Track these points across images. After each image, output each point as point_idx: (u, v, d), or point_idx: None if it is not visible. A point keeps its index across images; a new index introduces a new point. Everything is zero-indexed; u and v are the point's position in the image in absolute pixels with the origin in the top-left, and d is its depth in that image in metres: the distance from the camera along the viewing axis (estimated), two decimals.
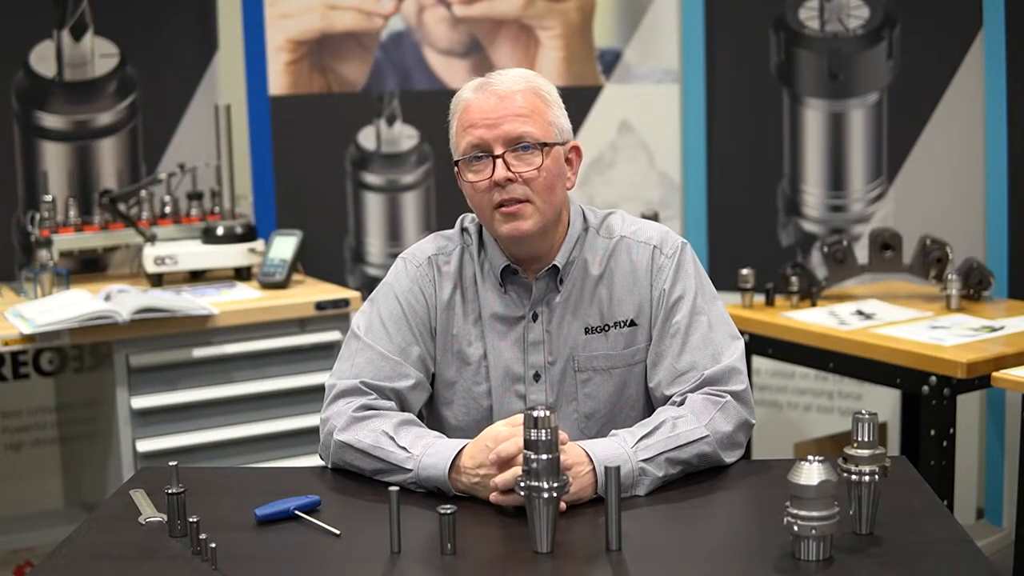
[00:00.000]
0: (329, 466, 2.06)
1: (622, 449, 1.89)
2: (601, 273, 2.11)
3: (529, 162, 2.02)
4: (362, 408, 2.04)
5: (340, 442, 2.01)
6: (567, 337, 2.10)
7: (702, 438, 1.94)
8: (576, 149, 2.12)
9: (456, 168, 2.08)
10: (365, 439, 1.98)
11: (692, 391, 2.02)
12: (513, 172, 2.01)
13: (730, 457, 1.99)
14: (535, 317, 2.11)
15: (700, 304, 2.08)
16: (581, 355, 2.10)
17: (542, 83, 2.09)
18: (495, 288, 2.12)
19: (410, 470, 1.91)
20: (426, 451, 1.91)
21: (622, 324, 2.10)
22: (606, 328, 2.10)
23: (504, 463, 1.82)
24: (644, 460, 1.89)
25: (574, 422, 2.09)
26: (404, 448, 1.93)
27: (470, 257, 2.15)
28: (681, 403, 2.02)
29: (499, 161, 2.01)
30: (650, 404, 2.12)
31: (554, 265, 2.10)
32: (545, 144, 2.03)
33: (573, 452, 1.86)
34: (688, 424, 1.95)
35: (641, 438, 1.92)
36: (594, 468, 1.85)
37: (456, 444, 1.91)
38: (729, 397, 2.01)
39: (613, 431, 1.98)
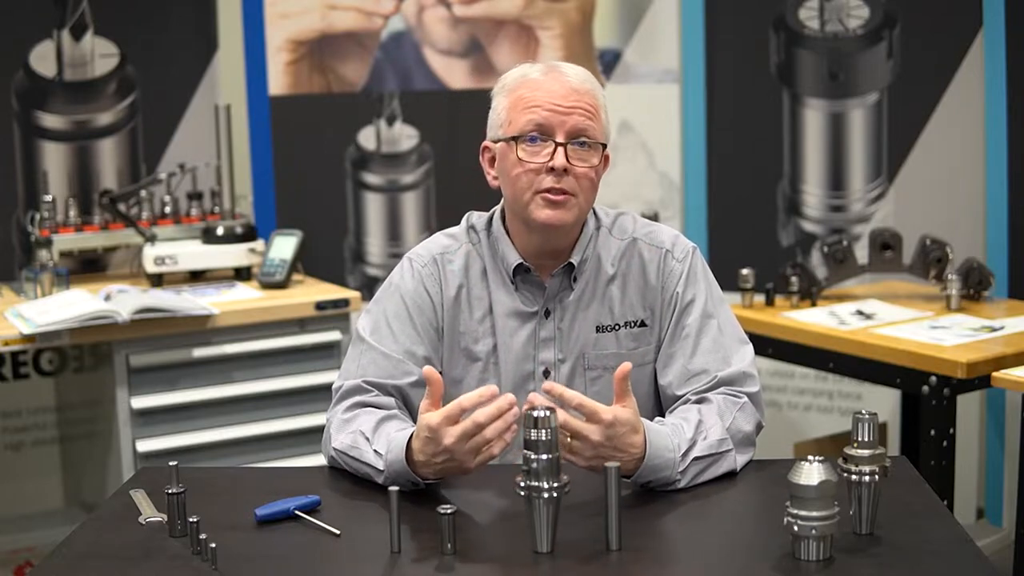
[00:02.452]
0: (327, 464, 2.07)
1: (672, 455, 1.89)
2: (614, 273, 2.13)
3: (586, 159, 2.04)
4: (354, 407, 2.05)
5: (332, 447, 2.03)
6: (578, 335, 2.12)
7: (726, 451, 1.96)
8: (607, 158, 2.13)
9: (493, 146, 2.09)
10: (346, 441, 1.99)
11: (707, 391, 2.05)
12: (570, 164, 2.03)
13: (744, 455, 1.99)
14: (547, 314, 2.12)
15: (710, 308, 2.11)
16: (591, 353, 2.11)
17: (599, 87, 2.11)
18: (506, 285, 2.13)
19: (382, 471, 1.92)
20: (389, 447, 1.91)
21: (632, 324, 2.12)
22: (617, 327, 2.12)
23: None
24: (680, 472, 1.90)
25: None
26: (377, 452, 1.94)
27: (477, 255, 2.15)
28: (698, 401, 2.03)
29: (561, 149, 2.02)
30: (659, 404, 2.13)
31: (569, 263, 2.11)
32: (603, 145, 2.06)
33: (630, 439, 1.85)
34: (717, 433, 1.96)
35: (686, 451, 1.91)
36: (643, 458, 1.86)
37: (404, 437, 1.89)
38: (746, 398, 2.04)
39: (661, 420, 1.99)
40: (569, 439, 1.80)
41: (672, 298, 2.12)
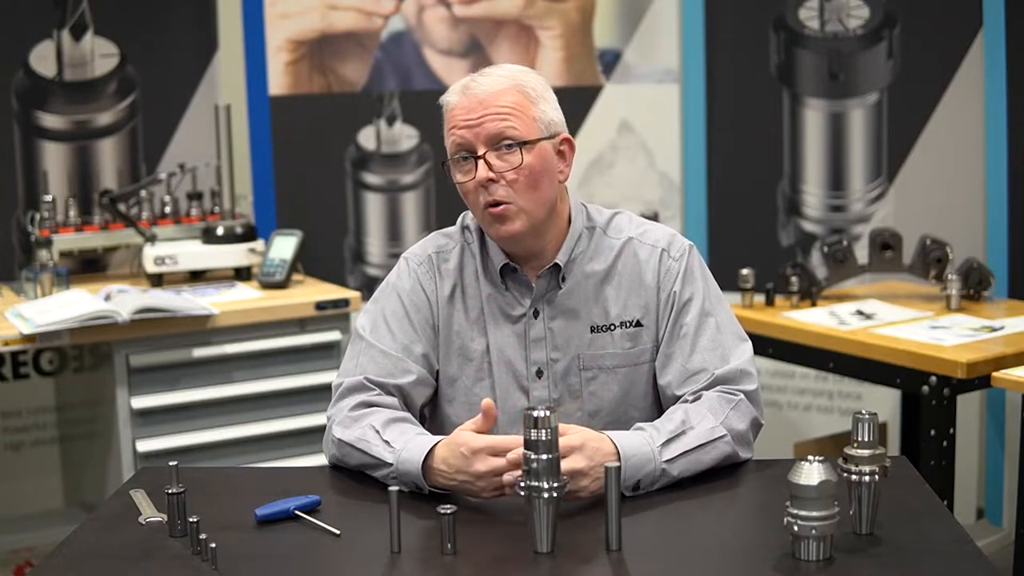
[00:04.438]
0: (328, 461, 2.07)
1: (648, 448, 1.90)
2: (607, 272, 2.13)
3: (510, 161, 2.03)
4: (361, 405, 2.05)
5: (336, 439, 2.03)
6: (571, 335, 2.11)
7: (720, 437, 1.96)
8: (568, 141, 2.12)
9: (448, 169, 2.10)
10: (354, 433, 2.00)
11: (704, 390, 2.04)
12: (495, 172, 2.03)
13: (745, 454, 2.00)
14: (536, 314, 2.12)
15: (708, 306, 2.11)
16: (586, 353, 2.11)
17: (527, 78, 2.08)
18: (496, 285, 2.13)
19: (391, 464, 1.92)
20: (406, 446, 1.93)
21: (628, 324, 2.12)
22: (612, 327, 2.11)
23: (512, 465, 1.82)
24: (667, 461, 1.90)
25: (578, 420, 2.09)
26: (387, 442, 1.95)
27: (471, 255, 2.16)
28: (694, 400, 2.03)
29: (481, 162, 2.03)
30: (657, 404, 2.13)
31: (556, 263, 2.11)
32: (526, 142, 2.03)
33: (603, 447, 1.86)
34: (707, 423, 1.96)
35: (667, 441, 1.92)
36: (619, 465, 1.86)
37: (429, 441, 1.91)
38: (742, 396, 2.04)
39: (638, 424, 1.99)
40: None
41: (669, 297, 2.11)
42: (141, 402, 3.24)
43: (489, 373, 2.13)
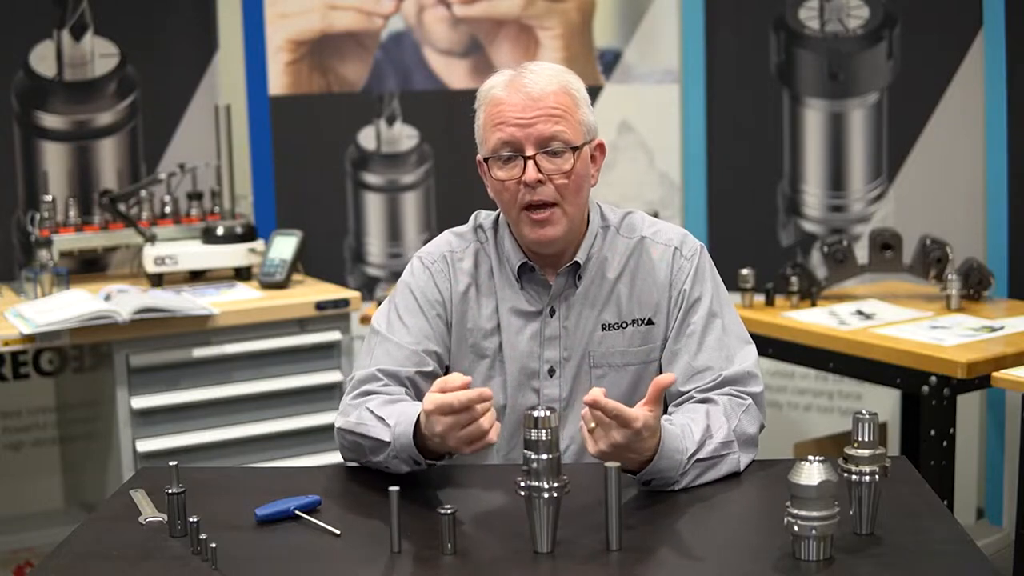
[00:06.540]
0: (341, 456, 2.08)
1: (681, 457, 1.89)
2: (621, 271, 2.14)
3: (560, 166, 2.03)
4: (363, 394, 2.06)
5: (337, 428, 2.04)
6: (583, 333, 2.13)
7: (729, 454, 1.95)
8: (601, 146, 2.14)
9: (483, 162, 2.09)
10: (351, 419, 2.00)
11: (711, 390, 2.05)
12: (543, 174, 2.02)
13: (747, 456, 2.00)
14: (552, 312, 2.12)
15: (716, 307, 2.12)
16: (597, 351, 2.12)
17: (572, 80, 2.09)
18: (512, 284, 2.13)
19: (389, 442, 1.92)
20: (399, 420, 1.92)
21: (640, 322, 2.13)
22: (624, 325, 2.13)
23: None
24: (682, 472, 1.90)
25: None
26: (382, 418, 1.94)
27: (485, 255, 2.17)
28: (704, 402, 2.03)
29: (530, 162, 2.02)
30: (664, 401, 2.13)
31: (575, 262, 2.11)
32: (576, 147, 2.04)
33: (649, 444, 1.84)
34: (721, 435, 1.96)
35: (692, 453, 1.91)
36: (651, 460, 1.85)
37: (415, 410, 1.89)
38: (751, 400, 2.05)
39: (672, 419, 1.97)
40: (593, 425, 1.80)
41: (679, 295, 2.12)
42: (141, 402, 3.24)
43: (501, 371, 2.14)
